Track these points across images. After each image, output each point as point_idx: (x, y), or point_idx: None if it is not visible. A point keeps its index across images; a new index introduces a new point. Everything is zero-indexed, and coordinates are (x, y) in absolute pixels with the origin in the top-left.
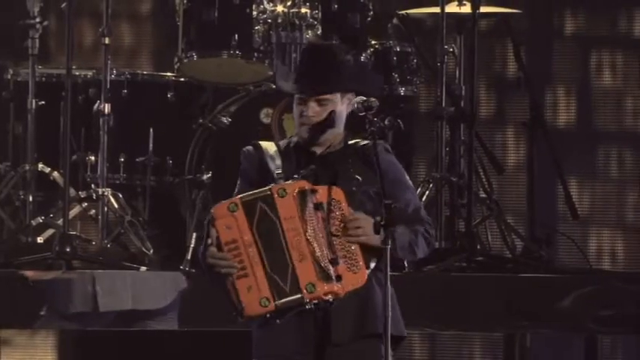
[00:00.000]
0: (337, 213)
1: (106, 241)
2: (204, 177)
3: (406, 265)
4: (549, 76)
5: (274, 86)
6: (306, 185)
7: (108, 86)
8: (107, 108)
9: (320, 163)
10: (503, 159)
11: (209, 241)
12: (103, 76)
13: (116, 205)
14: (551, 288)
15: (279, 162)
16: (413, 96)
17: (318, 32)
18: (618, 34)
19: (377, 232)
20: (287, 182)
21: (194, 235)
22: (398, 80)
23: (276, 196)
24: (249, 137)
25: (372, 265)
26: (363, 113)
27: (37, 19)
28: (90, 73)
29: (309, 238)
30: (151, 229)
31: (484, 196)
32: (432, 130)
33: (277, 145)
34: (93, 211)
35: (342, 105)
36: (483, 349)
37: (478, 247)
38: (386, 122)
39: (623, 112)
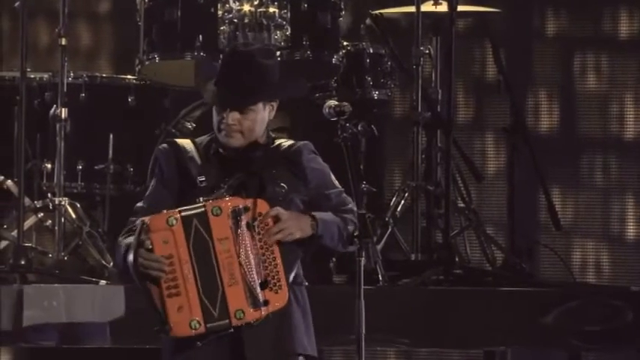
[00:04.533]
0: (263, 229)
1: (63, 254)
2: None
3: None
4: (531, 79)
5: None
6: (240, 203)
7: (65, 90)
8: (64, 113)
9: (244, 169)
10: (483, 166)
11: (146, 245)
12: (60, 79)
13: (74, 216)
14: (532, 302)
15: (199, 164)
16: (387, 100)
17: (287, 33)
18: (603, 35)
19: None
20: (219, 198)
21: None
22: (371, 83)
23: (210, 214)
24: None
25: (291, 278)
26: (335, 119)
27: None
28: (46, 76)
29: (241, 261)
30: (110, 241)
31: (462, 205)
32: (407, 136)
33: (195, 143)
34: (49, 222)
35: (265, 112)
36: None
37: (456, 259)
38: (359, 128)
39: (608, 118)
